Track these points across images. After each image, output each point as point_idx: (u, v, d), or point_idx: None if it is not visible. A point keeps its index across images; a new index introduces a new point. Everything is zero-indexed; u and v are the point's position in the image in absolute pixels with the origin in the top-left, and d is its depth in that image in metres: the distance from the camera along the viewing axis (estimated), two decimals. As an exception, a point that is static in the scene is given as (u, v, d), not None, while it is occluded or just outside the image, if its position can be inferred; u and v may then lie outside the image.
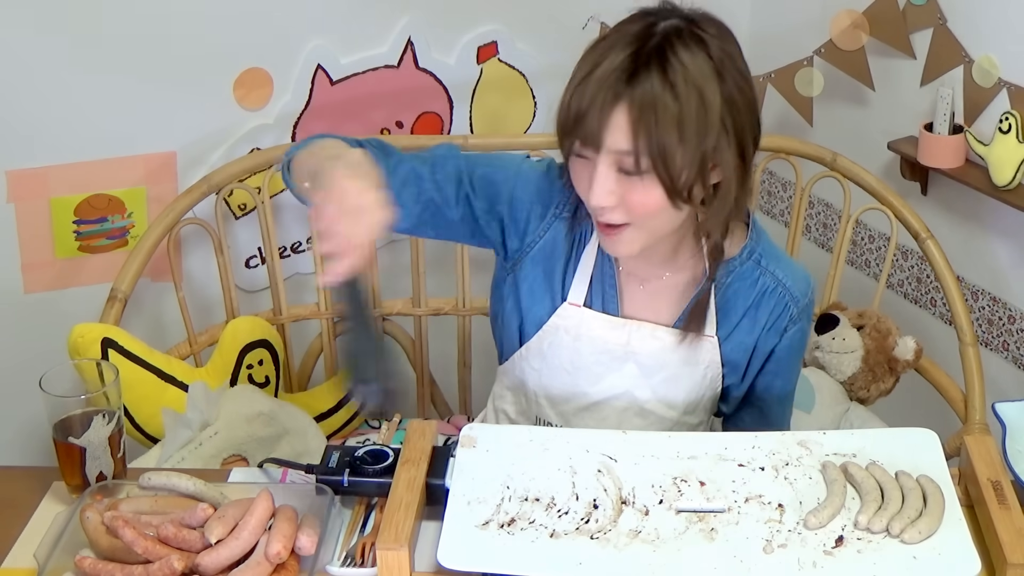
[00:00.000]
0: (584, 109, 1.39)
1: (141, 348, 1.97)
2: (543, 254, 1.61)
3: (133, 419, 1.97)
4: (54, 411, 1.42)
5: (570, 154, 1.45)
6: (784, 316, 1.59)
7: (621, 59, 1.38)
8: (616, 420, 1.63)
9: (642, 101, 1.36)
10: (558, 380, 1.63)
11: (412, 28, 2.33)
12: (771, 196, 2.73)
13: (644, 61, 1.37)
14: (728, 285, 1.58)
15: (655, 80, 1.37)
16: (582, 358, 1.61)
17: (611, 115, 1.38)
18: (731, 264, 1.57)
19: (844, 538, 1.30)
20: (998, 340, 2.27)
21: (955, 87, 2.18)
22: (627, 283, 1.60)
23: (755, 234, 1.59)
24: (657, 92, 1.36)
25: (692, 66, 1.38)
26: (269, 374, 2.09)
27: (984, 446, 1.42)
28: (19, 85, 2.08)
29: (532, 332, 1.63)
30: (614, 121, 1.38)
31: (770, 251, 1.60)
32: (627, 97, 1.37)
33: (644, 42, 1.39)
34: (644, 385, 1.61)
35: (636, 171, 1.39)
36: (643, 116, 1.36)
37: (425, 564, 1.33)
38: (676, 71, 1.37)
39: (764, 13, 2.63)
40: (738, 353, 1.60)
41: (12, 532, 1.42)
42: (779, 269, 1.59)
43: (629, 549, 1.30)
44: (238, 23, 2.19)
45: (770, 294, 1.58)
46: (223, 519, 1.32)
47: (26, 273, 2.21)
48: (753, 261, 1.58)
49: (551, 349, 1.62)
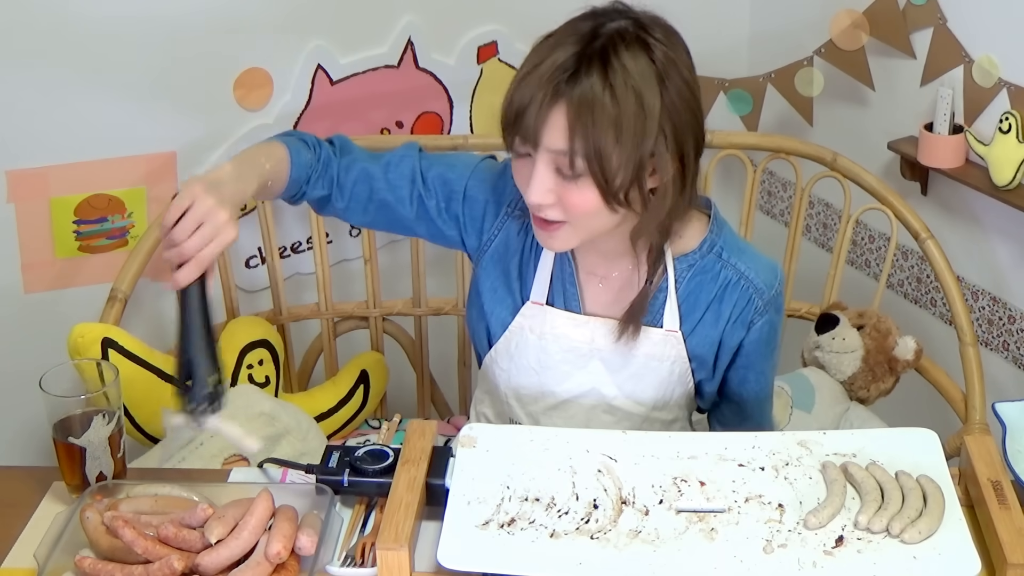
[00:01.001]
0: (524, 106, 1.39)
1: (141, 348, 1.97)
2: (499, 253, 1.62)
3: (133, 419, 1.97)
4: (54, 411, 1.43)
5: (511, 150, 1.46)
6: (749, 309, 1.58)
7: (564, 58, 1.38)
8: (584, 418, 1.63)
9: (580, 101, 1.36)
10: (526, 380, 1.64)
11: (412, 28, 2.33)
12: (771, 196, 2.73)
13: (587, 61, 1.37)
14: (688, 279, 1.57)
15: (595, 81, 1.37)
16: (548, 356, 1.61)
17: (549, 114, 1.38)
18: (690, 258, 1.57)
19: (844, 538, 1.30)
20: (998, 340, 2.27)
21: (955, 87, 2.18)
22: (586, 280, 1.60)
23: (715, 226, 1.58)
24: (596, 93, 1.36)
25: (634, 70, 1.37)
26: (269, 374, 2.09)
27: (984, 446, 1.42)
28: (19, 85, 2.08)
29: (499, 333, 1.64)
30: (552, 120, 1.38)
31: (732, 243, 1.59)
32: (566, 97, 1.37)
33: (589, 42, 1.39)
34: (610, 382, 1.61)
35: (571, 172, 1.39)
36: (580, 116, 1.36)
37: (425, 564, 1.33)
38: (617, 73, 1.37)
39: (764, 13, 2.63)
40: (704, 347, 1.59)
41: (12, 532, 1.42)
42: (741, 261, 1.58)
43: (629, 549, 1.30)
44: (238, 23, 2.19)
45: (733, 287, 1.57)
46: (223, 519, 1.32)
47: (26, 273, 2.21)
48: (714, 254, 1.57)
49: (518, 349, 1.63)
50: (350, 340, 2.30)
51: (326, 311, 2.23)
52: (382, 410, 2.31)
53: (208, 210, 1.37)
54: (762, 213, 2.73)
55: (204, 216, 1.36)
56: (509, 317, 1.63)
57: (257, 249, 2.35)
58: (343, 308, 2.25)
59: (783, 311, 1.65)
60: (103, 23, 2.09)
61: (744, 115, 2.50)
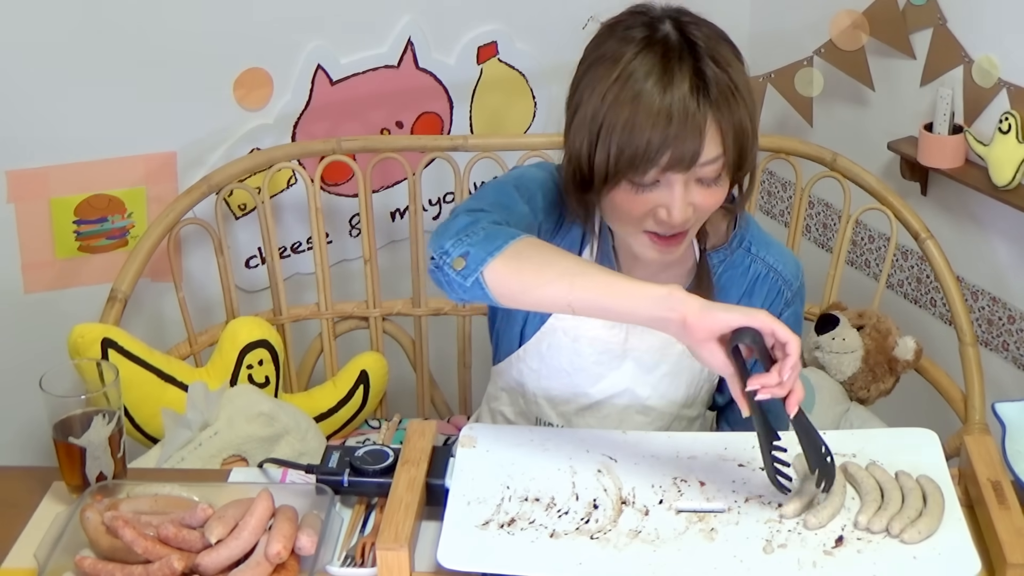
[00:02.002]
0: (671, 136, 1.34)
1: (141, 348, 1.97)
2: None
3: (133, 419, 1.97)
4: (54, 411, 1.42)
5: (615, 183, 1.40)
6: (779, 300, 1.61)
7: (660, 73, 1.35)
8: (618, 418, 1.63)
9: (726, 102, 1.36)
10: (557, 381, 1.63)
11: (412, 28, 2.33)
12: (771, 196, 2.74)
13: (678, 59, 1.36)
14: (720, 274, 1.58)
15: (724, 87, 1.36)
16: (581, 359, 1.61)
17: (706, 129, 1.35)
18: (721, 253, 1.58)
19: (844, 538, 1.30)
20: (998, 340, 2.27)
21: (955, 87, 2.18)
22: None
23: (743, 222, 1.60)
24: (730, 93, 1.36)
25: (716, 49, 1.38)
26: (269, 374, 2.09)
27: (984, 446, 1.42)
28: (19, 85, 2.08)
29: (531, 333, 1.63)
30: (708, 133, 1.36)
31: (759, 237, 1.61)
32: (710, 107, 1.35)
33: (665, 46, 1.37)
34: (644, 382, 1.61)
35: (717, 176, 1.39)
36: (728, 116, 1.37)
37: (425, 564, 1.33)
38: (708, 63, 1.37)
39: (764, 13, 2.63)
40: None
41: (12, 532, 1.42)
42: (769, 255, 1.60)
43: (629, 549, 1.30)
44: (238, 23, 2.19)
45: (763, 280, 1.59)
46: (223, 519, 1.32)
47: (26, 273, 2.21)
48: (743, 249, 1.59)
49: (549, 351, 1.62)
50: (350, 340, 2.30)
51: (326, 311, 2.23)
52: (382, 410, 2.31)
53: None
54: (762, 213, 2.73)
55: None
56: (545, 317, 1.61)
57: (257, 249, 2.35)
58: (343, 308, 2.25)
59: (805, 302, 1.67)
60: (103, 23, 2.09)
61: (744, 115, 2.50)
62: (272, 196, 2.22)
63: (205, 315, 2.29)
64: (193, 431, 1.89)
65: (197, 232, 2.22)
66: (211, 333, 2.15)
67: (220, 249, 2.13)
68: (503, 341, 1.68)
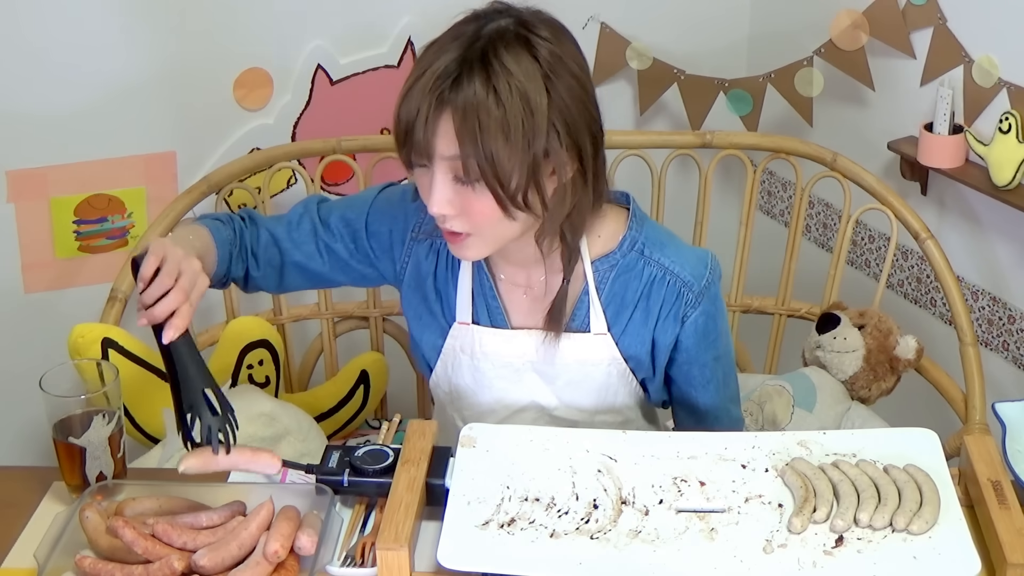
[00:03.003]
0: (412, 119, 1.37)
1: (141, 348, 1.97)
2: (414, 279, 1.61)
3: (133, 419, 1.97)
4: (54, 411, 1.42)
5: (408, 165, 1.44)
6: (679, 303, 1.55)
7: (446, 64, 1.36)
8: None
9: (465, 107, 1.34)
10: (467, 400, 1.63)
11: (412, 28, 2.33)
12: (771, 196, 2.74)
13: (468, 66, 1.35)
14: (612, 280, 1.55)
15: (478, 85, 1.34)
16: (483, 375, 1.60)
17: (437, 124, 1.36)
18: (612, 258, 1.55)
19: (844, 538, 1.30)
20: (998, 340, 2.27)
21: (955, 87, 2.18)
22: (508, 293, 1.58)
23: (635, 223, 1.55)
24: (480, 97, 1.34)
25: (516, 70, 1.35)
26: (269, 374, 2.09)
27: (984, 446, 1.42)
28: (19, 85, 2.08)
29: (434, 357, 1.64)
30: (440, 129, 1.36)
31: (654, 238, 1.56)
32: (451, 104, 1.35)
33: (470, 45, 1.37)
34: (548, 392, 1.60)
35: (467, 178, 1.37)
36: (467, 122, 1.34)
37: (425, 564, 1.33)
38: (499, 75, 1.35)
39: (764, 13, 2.63)
40: (637, 347, 1.57)
41: (12, 532, 1.42)
42: (664, 256, 1.54)
43: (629, 549, 1.30)
44: (238, 23, 2.19)
45: (659, 283, 1.54)
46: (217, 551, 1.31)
47: (26, 273, 2.21)
48: (635, 252, 1.55)
49: (455, 370, 1.62)
50: (350, 340, 2.30)
51: (326, 311, 2.23)
52: (382, 410, 2.31)
53: (183, 258, 1.37)
54: (762, 213, 2.73)
55: (180, 265, 1.36)
56: (440, 340, 1.61)
57: (257, 249, 2.35)
58: (343, 308, 2.25)
59: (720, 301, 1.59)
60: (103, 23, 2.09)
61: (744, 115, 2.50)
62: (272, 196, 2.22)
63: (205, 315, 2.29)
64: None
65: (197, 232, 2.22)
66: (211, 333, 2.15)
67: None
68: (421, 370, 1.70)
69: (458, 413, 1.66)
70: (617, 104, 2.57)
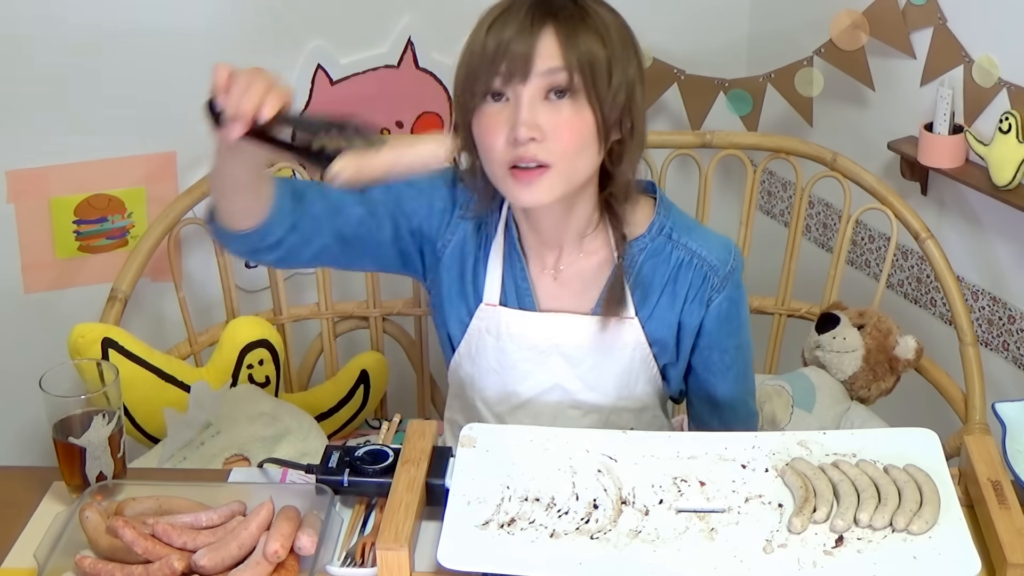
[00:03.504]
0: (507, 39, 1.40)
1: (141, 348, 1.97)
2: (454, 258, 1.61)
3: (133, 419, 1.97)
4: (54, 411, 1.43)
5: (474, 109, 1.44)
6: (705, 287, 1.57)
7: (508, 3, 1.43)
8: (551, 415, 1.63)
9: (570, 18, 1.40)
10: (489, 381, 1.63)
11: (412, 28, 2.33)
12: (771, 196, 2.74)
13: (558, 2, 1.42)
14: (641, 264, 1.56)
15: (571, 12, 1.41)
16: (508, 357, 1.61)
17: (538, 36, 1.40)
18: (640, 242, 1.56)
19: (844, 538, 1.30)
20: (998, 340, 2.27)
21: (955, 87, 2.18)
22: (539, 276, 1.59)
23: (663, 208, 1.58)
24: (580, 13, 1.41)
25: (601, 9, 1.45)
26: (269, 374, 2.09)
27: (984, 446, 1.42)
28: (19, 85, 2.08)
29: (459, 337, 1.63)
30: (542, 41, 1.40)
31: (681, 223, 1.58)
32: (551, 17, 1.40)
33: None
34: (572, 376, 1.61)
35: (568, 87, 1.40)
36: (571, 33, 1.40)
37: (425, 564, 1.33)
38: (588, 9, 1.43)
39: (764, 13, 2.63)
40: (663, 331, 1.58)
41: (12, 532, 1.42)
42: (692, 240, 1.57)
43: (629, 549, 1.30)
44: (238, 23, 2.19)
45: (686, 266, 1.56)
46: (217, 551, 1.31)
47: (26, 273, 2.21)
48: (664, 236, 1.57)
49: (478, 352, 1.62)
50: (350, 340, 2.30)
51: (326, 311, 2.23)
52: (382, 410, 2.31)
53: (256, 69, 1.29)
54: (762, 213, 2.73)
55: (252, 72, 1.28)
56: (467, 320, 1.62)
57: (257, 249, 2.35)
58: (343, 308, 2.25)
59: (743, 289, 1.62)
60: (103, 24, 2.09)
61: (744, 115, 2.50)
62: (272, 196, 2.22)
63: (205, 315, 2.29)
64: (195, 431, 1.89)
65: (197, 232, 2.22)
66: (211, 333, 2.15)
67: (220, 249, 2.12)
68: (444, 350, 1.70)
69: (478, 394, 1.65)
70: (617, 104, 2.57)
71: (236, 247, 1.52)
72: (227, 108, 1.26)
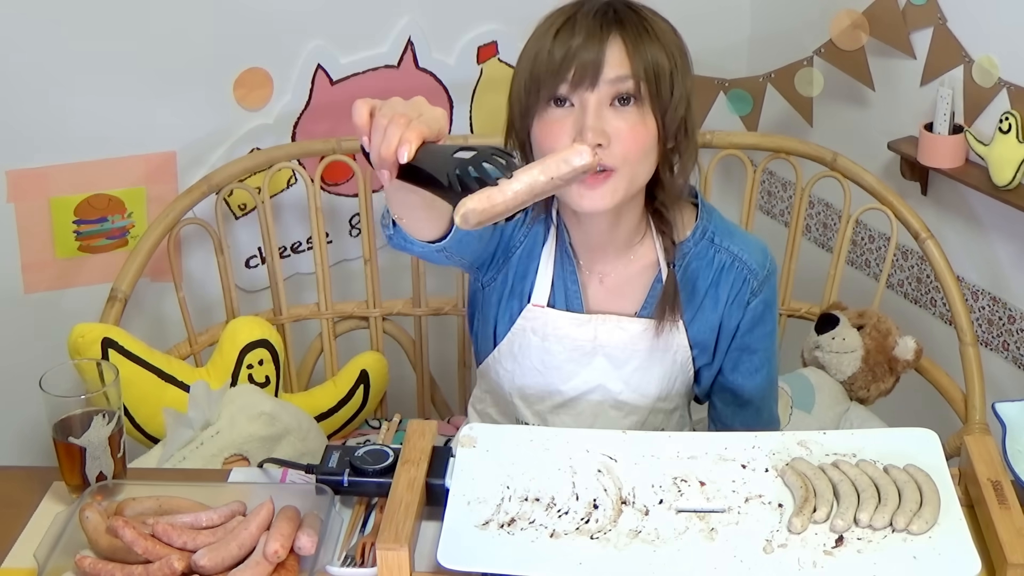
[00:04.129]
0: (577, 45, 1.43)
1: (141, 348, 1.97)
2: (521, 259, 1.62)
3: (133, 419, 1.97)
4: (54, 411, 1.42)
5: (536, 113, 1.47)
6: (745, 290, 1.60)
7: (598, 5, 1.46)
8: (592, 414, 1.64)
9: (636, 28, 1.44)
10: (531, 380, 1.65)
11: (412, 28, 2.33)
12: (771, 196, 2.73)
13: (621, 6, 1.46)
14: (685, 267, 1.59)
15: (635, 19, 1.45)
16: (552, 357, 1.62)
17: (606, 44, 1.43)
18: (684, 246, 1.59)
19: (844, 538, 1.30)
20: (998, 340, 2.27)
21: (955, 87, 2.18)
22: (588, 279, 1.62)
23: (705, 213, 1.61)
24: (643, 25, 1.45)
25: (660, 21, 1.49)
26: (269, 374, 2.09)
27: (984, 446, 1.42)
28: (19, 85, 2.08)
29: (503, 334, 1.65)
30: (610, 48, 1.43)
31: (722, 227, 1.62)
32: (618, 26, 1.44)
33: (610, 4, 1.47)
34: (615, 377, 1.62)
35: (635, 95, 1.44)
36: (638, 42, 1.43)
37: (425, 564, 1.33)
38: (650, 17, 1.47)
39: (764, 13, 2.63)
40: (705, 333, 1.62)
41: (12, 532, 1.42)
42: (733, 244, 1.61)
43: (629, 549, 1.30)
44: (238, 23, 2.19)
45: (728, 269, 1.60)
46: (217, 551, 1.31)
47: (26, 273, 2.21)
48: (707, 240, 1.60)
49: (521, 351, 1.64)
50: (350, 340, 2.30)
51: (326, 311, 2.23)
52: (382, 410, 2.31)
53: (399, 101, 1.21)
54: (762, 213, 2.73)
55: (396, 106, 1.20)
56: (515, 318, 1.63)
57: (257, 249, 2.35)
58: (343, 308, 2.25)
59: (776, 294, 1.67)
60: (103, 23, 2.09)
61: (744, 115, 2.50)
62: (272, 196, 2.22)
63: (205, 315, 2.29)
64: (195, 430, 1.89)
65: (197, 232, 2.22)
66: (211, 333, 2.15)
67: (220, 249, 2.13)
68: (480, 344, 1.70)
69: (518, 392, 1.66)
70: (617, 104, 2.57)
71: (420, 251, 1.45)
72: (372, 155, 1.19)
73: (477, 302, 1.69)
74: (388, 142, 1.16)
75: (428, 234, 1.39)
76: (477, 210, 1.14)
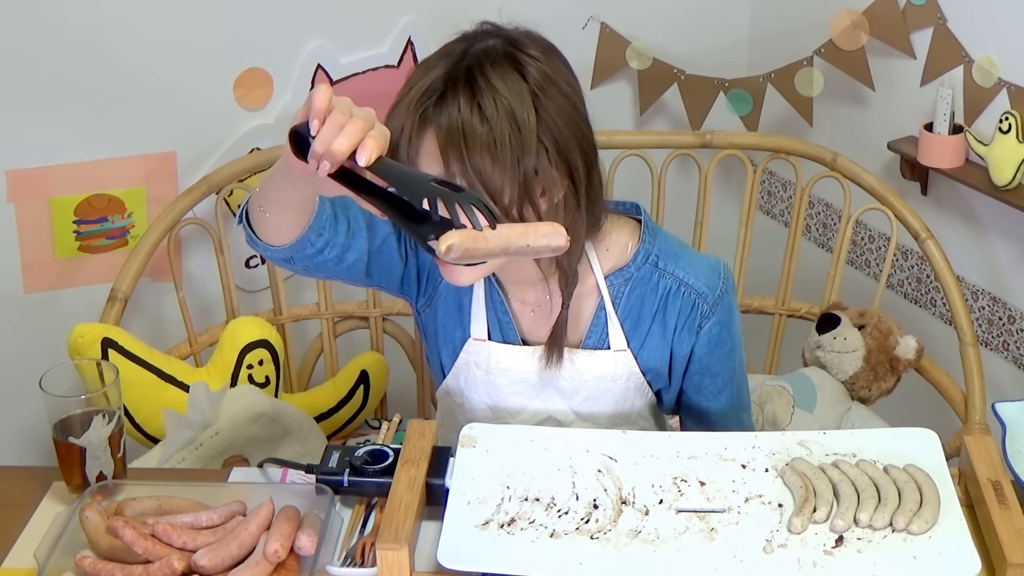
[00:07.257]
0: (396, 137, 1.35)
1: (141, 348, 1.97)
2: (451, 289, 1.57)
3: (133, 419, 1.97)
4: (54, 411, 1.43)
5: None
6: (694, 315, 1.54)
7: (432, 81, 1.36)
8: None
9: (449, 125, 1.34)
10: (480, 413, 1.62)
11: (412, 28, 2.33)
12: (771, 196, 2.74)
13: (453, 83, 1.35)
14: (627, 294, 1.54)
15: (462, 102, 1.34)
16: (499, 391, 1.59)
17: (421, 141, 1.35)
18: (626, 271, 1.53)
19: (844, 538, 1.30)
20: (998, 340, 2.27)
21: (955, 87, 2.18)
22: (519, 310, 1.57)
23: (647, 235, 1.54)
24: (464, 115, 1.34)
25: (503, 87, 1.35)
26: (269, 374, 2.09)
27: (984, 446, 1.42)
28: (19, 85, 2.08)
29: (449, 366, 1.62)
30: (424, 148, 1.35)
31: (667, 250, 1.55)
32: (434, 122, 1.35)
33: (456, 63, 1.37)
34: (565, 408, 1.59)
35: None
36: (451, 140, 1.33)
37: (425, 564, 1.33)
38: (485, 93, 1.34)
39: (764, 13, 2.63)
40: (655, 360, 1.56)
41: (12, 532, 1.42)
42: (679, 268, 1.53)
43: (629, 549, 1.30)
44: (238, 23, 2.19)
45: (674, 295, 1.54)
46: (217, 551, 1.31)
47: (26, 273, 2.21)
48: (650, 265, 1.54)
49: (468, 384, 1.61)
50: (350, 340, 2.30)
51: (326, 311, 2.23)
52: (382, 410, 2.31)
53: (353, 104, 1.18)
54: (762, 213, 2.73)
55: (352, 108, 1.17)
56: (458, 350, 1.60)
57: (257, 249, 2.35)
58: (343, 308, 2.25)
59: (734, 310, 1.59)
60: (103, 23, 2.09)
61: (744, 115, 2.50)
62: (272, 196, 2.22)
63: (205, 315, 2.29)
64: (194, 431, 1.89)
65: (197, 232, 2.22)
66: (211, 333, 2.15)
67: (220, 249, 2.13)
68: (432, 369, 1.68)
69: (468, 423, 1.64)
70: (617, 104, 2.57)
71: (270, 255, 1.47)
72: (317, 143, 1.15)
73: (420, 327, 1.65)
74: (346, 140, 1.14)
75: (280, 238, 1.41)
76: (461, 247, 1.15)
